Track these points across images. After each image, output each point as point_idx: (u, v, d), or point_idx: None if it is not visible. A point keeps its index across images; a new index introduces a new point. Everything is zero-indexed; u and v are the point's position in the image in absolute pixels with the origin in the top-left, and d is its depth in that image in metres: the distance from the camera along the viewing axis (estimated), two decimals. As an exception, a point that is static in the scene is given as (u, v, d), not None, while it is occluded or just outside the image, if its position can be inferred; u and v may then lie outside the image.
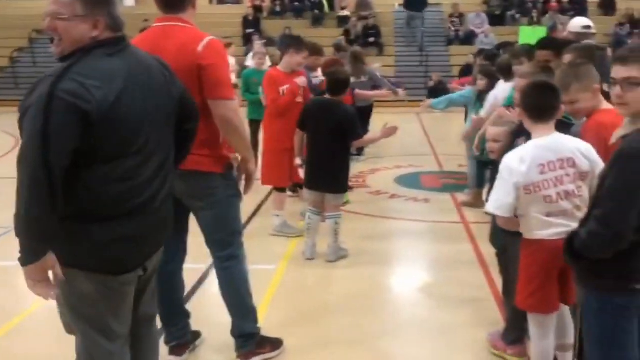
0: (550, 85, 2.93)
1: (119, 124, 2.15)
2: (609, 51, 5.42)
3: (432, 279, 4.98)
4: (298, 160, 5.38)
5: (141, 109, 2.22)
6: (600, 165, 2.76)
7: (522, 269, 2.97)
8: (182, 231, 3.46)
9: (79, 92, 2.06)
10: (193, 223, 3.44)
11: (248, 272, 3.47)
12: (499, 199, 2.85)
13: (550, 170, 2.78)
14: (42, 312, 3.92)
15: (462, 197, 7.02)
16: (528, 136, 2.98)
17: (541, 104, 2.86)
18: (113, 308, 2.33)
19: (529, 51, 5.14)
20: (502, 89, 5.58)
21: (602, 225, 2.27)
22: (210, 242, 3.40)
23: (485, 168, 6.09)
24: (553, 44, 4.99)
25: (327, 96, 5.11)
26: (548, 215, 2.81)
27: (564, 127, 3.05)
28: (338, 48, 9.72)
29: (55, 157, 2.03)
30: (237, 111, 3.14)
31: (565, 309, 3.11)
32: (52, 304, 2.34)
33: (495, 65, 5.94)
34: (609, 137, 2.76)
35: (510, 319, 3.57)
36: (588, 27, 5.78)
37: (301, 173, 5.62)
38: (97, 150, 2.13)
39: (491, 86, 6.04)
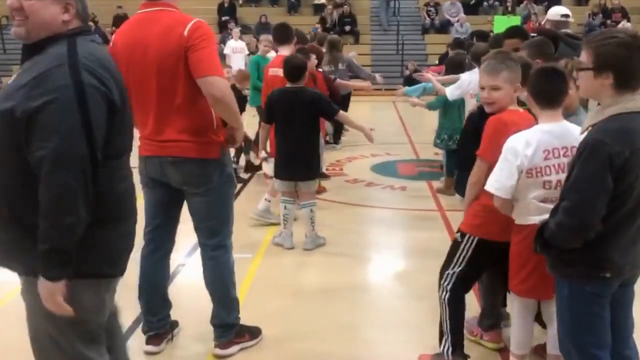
0: (559, 70, 2.90)
1: (127, 117, 2.11)
2: None
3: (409, 266, 5.02)
4: (263, 154, 5.34)
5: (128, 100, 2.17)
6: None
7: (514, 254, 2.98)
8: (174, 220, 3.43)
9: (103, 80, 1.95)
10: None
11: (234, 262, 3.47)
12: (500, 180, 2.83)
13: (554, 156, 2.78)
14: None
15: (437, 184, 7.08)
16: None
17: (549, 89, 2.82)
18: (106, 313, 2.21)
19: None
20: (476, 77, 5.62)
21: (569, 215, 2.31)
22: (200, 229, 3.37)
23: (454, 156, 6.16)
24: (520, 32, 5.06)
25: (288, 85, 5.07)
26: (544, 201, 2.82)
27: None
28: (315, 37, 9.69)
29: (99, 152, 1.90)
30: (228, 87, 3.09)
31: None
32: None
33: (470, 53, 5.98)
34: (505, 132, 2.90)
35: (485, 305, 3.62)
36: (566, 15, 5.82)
37: (265, 166, 5.63)
38: (110, 145, 2.01)
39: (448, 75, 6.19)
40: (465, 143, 3.60)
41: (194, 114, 3.09)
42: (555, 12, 5.86)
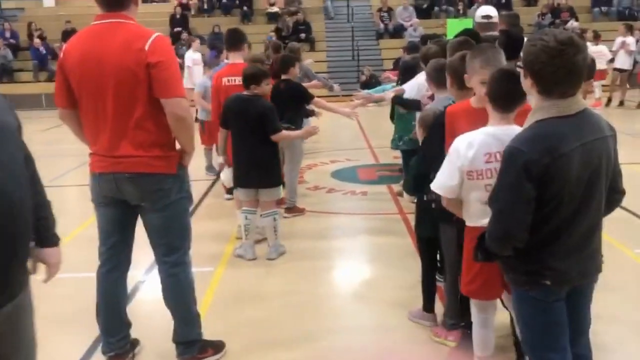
0: (515, 73, 2.75)
1: None
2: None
3: (373, 271, 5.01)
4: (221, 159, 5.29)
5: None
6: None
7: (465, 256, 2.99)
8: (130, 237, 3.34)
9: None
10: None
11: (193, 277, 3.39)
12: (443, 179, 2.84)
13: (496, 160, 2.73)
14: None
15: (397, 187, 7.11)
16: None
17: (506, 92, 2.75)
18: None
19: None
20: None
21: (493, 224, 2.31)
22: (158, 245, 3.28)
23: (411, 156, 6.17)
24: (471, 35, 5.08)
25: (245, 92, 5.02)
26: (486, 203, 2.82)
27: None
28: (275, 46, 9.55)
29: None
30: (189, 109, 3.06)
31: None
32: None
33: (420, 56, 6.01)
34: (456, 124, 2.98)
35: (448, 305, 3.63)
36: (488, 16, 5.69)
37: (223, 175, 5.57)
38: None
39: (404, 80, 6.15)
40: (432, 141, 3.52)
41: (152, 128, 3.03)
42: (478, 13, 5.79)
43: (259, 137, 4.91)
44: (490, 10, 5.76)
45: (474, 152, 2.74)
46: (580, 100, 2.27)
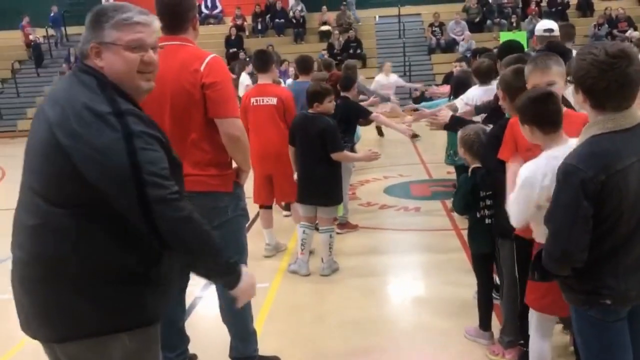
0: (550, 92, 2.83)
1: None
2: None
3: (427, 287, 4.98)
4: (295, 176, 5.37)
5: None
6: None
7: None
8: None
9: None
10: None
11: None
12: (521, 212, 2.75)
13: None
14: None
15: (451, 203, 7.04)
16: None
17: (548, 113, 2.73)
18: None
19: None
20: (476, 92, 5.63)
21: (550, 244, 2.25)
22: None
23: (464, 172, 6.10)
24: (516, 49, 5.04)
25: (309, 110, 5.12)
26: None
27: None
28: (326, 64, 9.61)
29: None
30: (243, 129, 3.14)
31: None
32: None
33: (472, 70, 5.98)
34: (518, 134, 2.90)
35: (505, 322, 3.58)
36: (550, 30, 5.68)
37: None
38: None
39: (457, 95, 6.11)
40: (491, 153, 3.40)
41: (208, 148, 3.10)
42: (539, 27, 5.77)
43: (320, 155, 4.98)
44: (552, 24, 5.74)
45: (549, 180, 2.60)
46: (635, 113, 2.21)
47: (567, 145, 2.70)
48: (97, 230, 1.86)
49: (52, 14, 21.34)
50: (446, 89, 9.22)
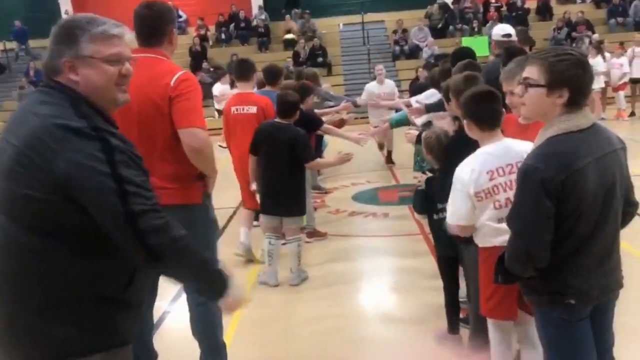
0: (492, 91, 2.98)
1: None
2: None
3: (397, 293, 4.98)
4: (253, 186, 5.33)
5: None
6: None
7: (480, 276, 2.99)
8: None
9: None
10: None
11: None
12: (458, 210, 2.88)
13: (499, 175, 2.81)
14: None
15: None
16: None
17: (488, 111, 2.88)
18: None
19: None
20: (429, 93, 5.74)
21: (513, 245, 2.28)
22: None
23: None
24: (468, 55, 5.13)
25: (277, 119, 5.10)
26: (499, 221, 2.83)
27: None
28: (298, 74, 9.56)
29: None
30: (205, 139, 3.06)
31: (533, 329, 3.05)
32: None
33: (430, 77, 6.05)
34: (506, 131, 2.93)
35: (473, 327, 3.59)
36: (508, 35, 5.74)
37: (258, 199, 5.58)
38: None
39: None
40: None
41: (175, 160, 3.06)
42: (497, 32, 5.84)
43: (287, 165, 4.94)
44: (509, 28, 5.84)
45: (477, 174, 2.79)
46: (589, 115, 2.28)
47: (500, 143, 2.85)
48: (63, 251, 1.80)
49: (15, 28, 21.00)
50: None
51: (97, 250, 1.83)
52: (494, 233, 2.84)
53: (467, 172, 2.83)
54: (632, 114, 13.85)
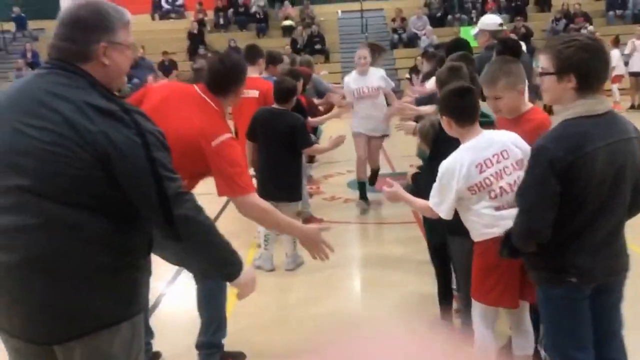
0: (468, 87, 3.02)
1: None
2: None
3: (390, 279, 5.03)
4: (251, 171, 5.36)
5: None
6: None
7: (477, 266, 2.99)
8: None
9: None
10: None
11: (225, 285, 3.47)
12: (442, 202, 2.90)
13: (488, 167, 2.84)
14: None
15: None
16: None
17: (466, 107, 2.90)
18: None
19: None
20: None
21: (519, 220, 2.37)
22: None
23: None
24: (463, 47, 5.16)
25: (274, 105, 5.12)
26: (498, 209, 2.86)
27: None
28: (292, 61, 9.52)
29: None
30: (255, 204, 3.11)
31: (526, 316, 3.08)
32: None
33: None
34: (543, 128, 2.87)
35: (464, 315, 3.64)
36: (501, 24, 5.85)
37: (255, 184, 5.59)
38: None
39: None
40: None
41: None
42: (493, 21, 5.88)
43: (285, 151, 4.97)
44: (500, 19, 5.93)
45: (466, 169, 2.82)
46: (606, 101, 2.36)
47: (481, 136, 2.88)
48: (102, 223, 1.88)
49: (14, 15, 20.93)
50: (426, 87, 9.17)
51: (131, 220, 1.94)
52: (493, 221, 2.85)
53: (457, 168, 2.83)
54: (632, 107, 13.88)
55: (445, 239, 3.62)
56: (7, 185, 1.87)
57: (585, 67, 2.28)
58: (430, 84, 5.88)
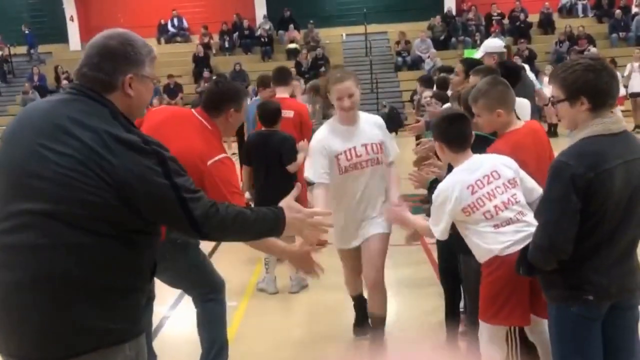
0: (463, 115, 3.11)
1: None
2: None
3: (396, 303, 4.99)
4: (247, 195, 5.36)
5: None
6: (520, 172, 2.94)
7: (485, 287, 2.97)
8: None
9: None
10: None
11: (225, 310, 3.46)
12: (437, 223, 2.98)
13: (480, 188, 2.89)
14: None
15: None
16: None
17: (460, 134, 2.98)
18: None
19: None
20: None
21: (539, 237, 2.38)
22: (187, 291, 3.46)
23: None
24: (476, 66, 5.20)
25: (262, 128, 5.15)
26: (496, 227, 2.88)
27: (484, 141, 3.18)
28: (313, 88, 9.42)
29: None
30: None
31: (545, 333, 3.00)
32: None
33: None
34: (520, 153, 2.98)
35: (470, 334, 3.61)
36: (508, 47, 5.99)
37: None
38: None
39: None
40: None
41: None
42: (499, 44, 5.92)
43: (281, 173, 4.98)
44: (503, 41, 6.03)
45: (458, 191, 2.88)
46: (621, 120, 2.42)
47: (471, 159, 2.97)
48: (111, 247, 1.90)
49: (25, 33, 21.18)
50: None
51: (141, 244, 1.97)
52: (494, 240, 2.86)
53: (449, 191, 2.91)
54: (637, 127, 13.86)
55: (452, 262, 3.60)
56: (18, 208, 1.88)
57: (593, 87, 2.32)
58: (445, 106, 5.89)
